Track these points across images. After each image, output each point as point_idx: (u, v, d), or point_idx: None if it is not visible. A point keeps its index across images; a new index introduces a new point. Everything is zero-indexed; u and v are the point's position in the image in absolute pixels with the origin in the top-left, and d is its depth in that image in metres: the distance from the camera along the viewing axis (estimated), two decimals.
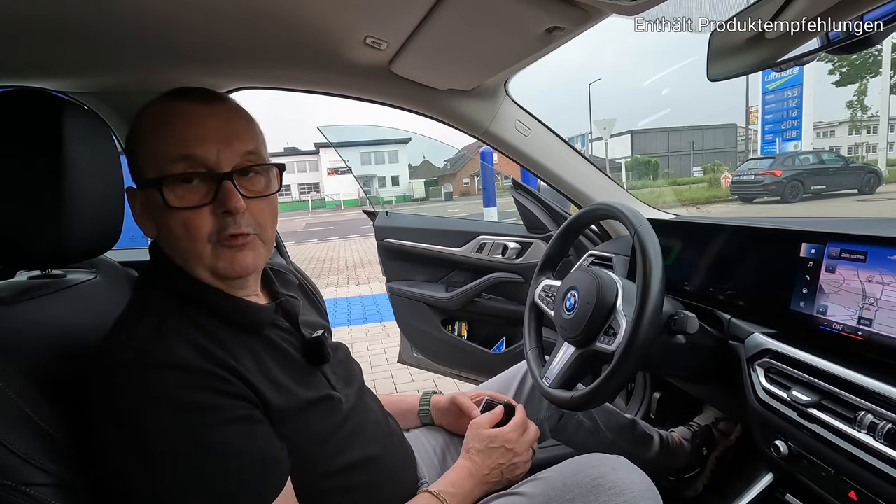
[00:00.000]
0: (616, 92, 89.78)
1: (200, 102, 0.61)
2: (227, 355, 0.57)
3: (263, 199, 0.63)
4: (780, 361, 0.77)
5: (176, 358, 0.53)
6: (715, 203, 13.72)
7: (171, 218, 0.58)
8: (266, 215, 0.63)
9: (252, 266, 0.62)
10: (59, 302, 0.71)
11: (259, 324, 0.64)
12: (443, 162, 35.84)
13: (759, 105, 19.66)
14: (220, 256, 0.59)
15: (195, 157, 0.58)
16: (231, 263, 0.60)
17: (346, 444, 0.66)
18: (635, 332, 0.75)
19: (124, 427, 0.50)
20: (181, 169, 0.58)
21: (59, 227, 0.65)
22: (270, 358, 0.62)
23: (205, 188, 0.58)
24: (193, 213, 0.58)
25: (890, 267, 0.66)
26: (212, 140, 0.58)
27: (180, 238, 0.59)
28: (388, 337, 3.60)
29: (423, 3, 0.71)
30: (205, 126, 0.59)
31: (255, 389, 0.57)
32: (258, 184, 0.63)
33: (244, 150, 0.61)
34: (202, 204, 0.58)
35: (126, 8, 0.69)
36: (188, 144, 0.58)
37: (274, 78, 1.06)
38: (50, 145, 0.64)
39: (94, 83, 0.98)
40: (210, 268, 0.60)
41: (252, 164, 0.61)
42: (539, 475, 0.74)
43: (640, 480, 0.68)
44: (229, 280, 0.62)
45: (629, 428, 1.11)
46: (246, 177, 0.61)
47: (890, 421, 0.59)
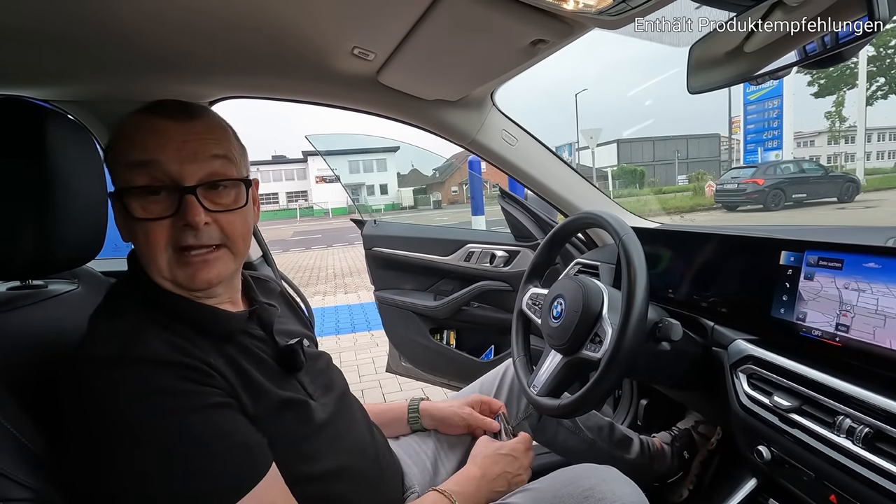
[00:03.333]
0: (602, 101, 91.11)
1: (171, 116, 0.61)
2: (202, 354, 0.57)
3: (233, 213, 0.63)
4: (762, 367, 0.78)
5: (153, 353, 0.53)
6: (699, 211, 13.93)
7: (134, 228, 0.59)
8: (235, 227, 0.63)
9: (216, 278, 0.62)
10: (40, 313, 0.70)
11: (229, 331, 0.63)
12: (431, 170, 35.99)
13: (741, 115, 20.07)
14: (178, 268, 0.60)
15: (158, 169, 0.58)
16: (192, 276, 0.60)
17: (323, 451, 0.66)
18: (620, 339, 0.75)
19: (104, 420, 0.50)
20: (144, 181, 0.58)
21: (39, 237, 0.64)
22: (246, 361, 0.63)
23: (169, 201, 0.59)
24: (154, 224, 0.58)
25: (865, 274, 0.68)
26: (175, 153, 0.59)
27: (141, 247, 0.60)
28: (376, 346, 3.58)
29: (409, 15, 0.72)
30: (170, 139, 0.59)
31: (231, 385, 0.58)
32: (227, 197, 0.63)
33: (211, 164, 0.61)
34: (163, 216, 0.58)
35: (111, 17, 0.69)
36: (152, 156, 0.58)
37: (260, 87, 1.06)
38: (31, 154, 0.63)
39: (78, 92, 0.97)
40: (170, 278, 0.60)
41: (219, 179, 0.61)
42: (529, 486, 0.75)
43: (630, 491, 0.69)
44: (192, 290, 0.62)
45: (607, 429, 1.11)
46: (214, 190, 0.61)
47: (867, 425, 0.61)
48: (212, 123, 0.64)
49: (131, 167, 0.59)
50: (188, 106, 0.64)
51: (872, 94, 20.06)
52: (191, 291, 0.62)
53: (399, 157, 37.42)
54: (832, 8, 0.56)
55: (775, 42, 0.65)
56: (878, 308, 0.66)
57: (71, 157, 0.69)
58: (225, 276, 0.63)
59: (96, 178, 0.73)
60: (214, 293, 0.65)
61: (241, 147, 0.68)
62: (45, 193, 0.64)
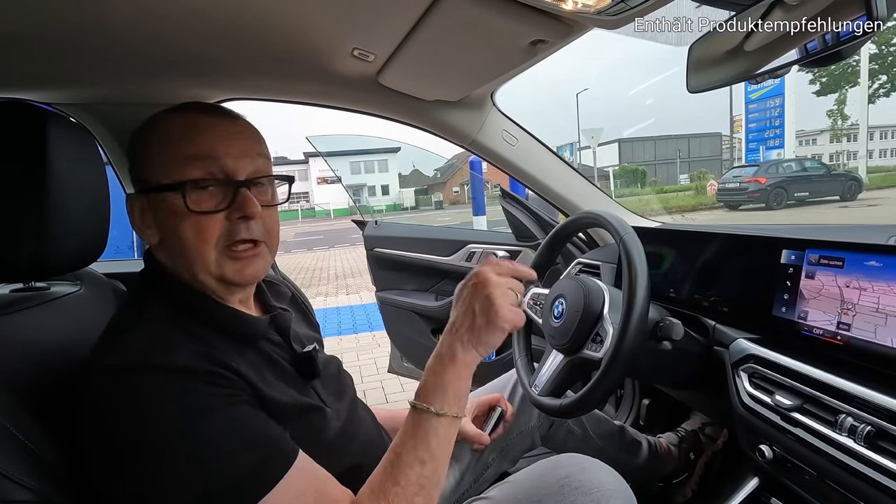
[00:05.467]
0: (603, 101, 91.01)
1: (220, 116, 0.64)
2: (225, 359, 0.57)
3: (272, 208, 0.66)
4: (764, 366, 0.78)
5: (176, 360, 0.53)
6: (701, 210, 13.91)
7: (183, 222, 0.59)
8: (273, 223, 0.66)
9: (261, 272, 0.65)
10: (43, 315, 0.70)
11: (253, 335, 0.64)
12: (433, 171, 35.99)
13: (742, 114, 20.03)
14: (228, 263, 0.61)
15: (214, 164, 0.60)
16: (241, 270, 0.62)
17: (337, 455, 0.66)
18: (622, 339, 0.75)
19: (130, 428, 0.50)
20: (200, 174, 0.60)
21: (42, 240, 0.64)
22: (267, 368, 0.63)
23: (221, 195, 0.61)
24: (208, 218, 0.60)
25: (866, 272, 0.68)
26: (230, 149, 0.61)
27: (189, 242, 0.59)
28: (378, 347, 3.58)
29: (409, 16, 0.72)
30: (225, 135, 0.62)
31: (255, 389, 0.58)
32: (266, 194, 0.66)
33: (257, 161, 0.64)
34: (218, 209, 0.60)
35: (113, 21, 0.69)
36: (210, 150, 0.60)
37: (262, 89, 1.06)
38: (33, 157, 0.63)
39: (81, 95, 0.97)
40: (216, 274, 0.61)
41: (263, 175, 0.64)
42: (509, 479, 0.75)
43: (608, 479, 0.68)
44: (234, 286, 0.63)
45: (618, 435, 1.11)
46: (257, 187, 0.64)
47: (869, 423, 0.61)
48: (252, 125, 0.67)
49: (187, 160, 0.59)
50: (229, 109, 0.67)
51: (875, 92, 19.99)
52: (231, 287, 0.63)
53: (400, 158, 37.46)
54: (831, 7, 0.55)
55: (775, 41, 0.65)
56: (879, 306, 0.66)
57: (73, 159, 0.69)
58: (264, 272, 0.66)
59: (98, 182, 0.73)
60: (244, 291, 0.67)
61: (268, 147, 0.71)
62: (46, 196, 0.64)
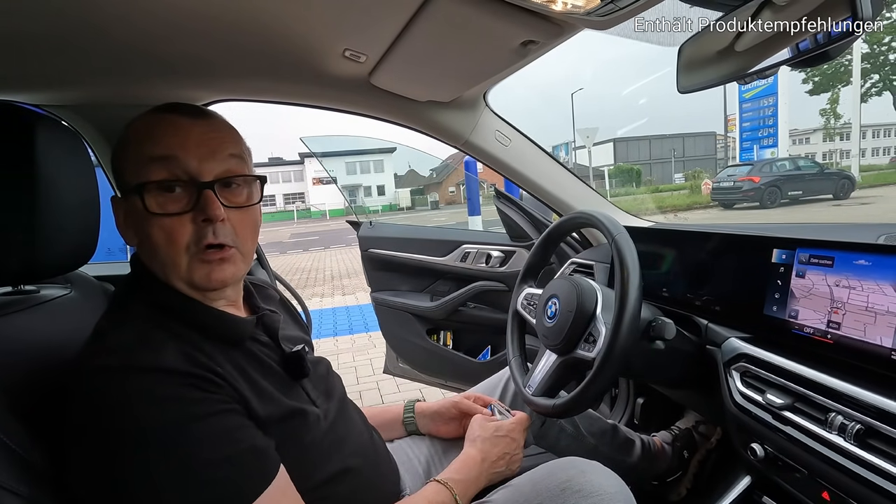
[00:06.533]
0: (598, 101, 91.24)
1: (188, 115, 0.62)
2: (211, 362, 0.57)
3: (244, 211, 0.64)
4: (755, 365, 0.78)
5: (161, 362, 0.53)
6: (696, 209, 13.96)
7: (151, 225, 0.59)
8: (246, 227, 0.64)
9: (231, 278, 0.63)
10: (32, 318, 0.69)
11: (239, 336, 0.64)
12: (428, 171, 36.03)
13: (736, 113, 20.13)
14: (197, 267, 0.60)
15: (177, 165, 0.59)
16: (208, 275, 0.60)
17: (326, 457, 0.66)
18: (614, 338, 0.75)
19: (113, 430, 0.49)
20: (163, 175, 0.58)
21: (31, 242, 0.64)
22: (254, 369, 0.63)
23: (186, 197, 0.59)
24: (174, 221, 0.58)
25: (856, 271, 0.68)
26: (195, 149, 0.60)
27: (160, 246, 0.59)
28: (374, 347, 3.57)
29: (399, 16, 0.72)
30: (189, 135, 0.60)
31: (241, 395, 0.58)
32: (240, 195, 0.64)
33: (227, 162, 0.62)
34: (182, 211, 0.59)
35: (103, 21, 0.69)
36: (171, 151, 0.59)
37: (253, 90, 1.06)
38: (21, 159, 0.63)
39: (71, 97, 0.97)
40: (186, 279, 0.60)
41: (234, 176, 0.62)
42: (511, 482, 0.75)
43: (609, 483, 0.68)
44: (206, 291, 0.62)
45: (611, 433, 1.11)
46: (228, 188, 0.62)
47: (859, 422, 0.61)
48: (225, 124, 0.66)
49: (150, 162, 0.59)
50: (201, 108, 0.65)
51: (867, 91, 20.18)
52: (204, 292, 0.62)
53: (396, 159, 37.52)
54: (818, 8, 0.56)
55: (764, 41, 0.65)
56: (868, 305, 0.66)
57: (62, 162, 0.68)
58: (237, 277, 0.64)
59: (88, 184, 0.73)
60: (224, 293, 0.65)
61: (248, 148, 0.69)
62: (35, 199, 0.64)
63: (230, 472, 0.52)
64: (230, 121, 0.68)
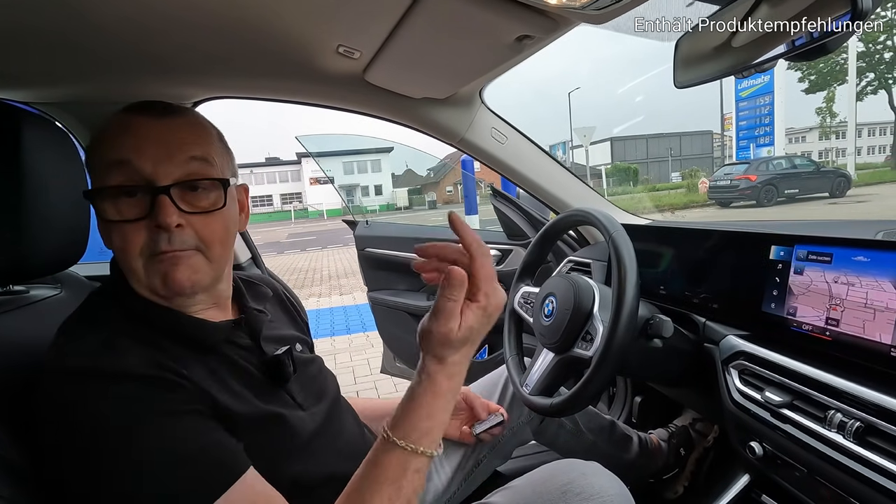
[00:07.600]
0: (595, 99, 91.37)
1: (151, 115, 0.59)
2: (177, 365, 0.55)
3: (210, 215, 0.60)
4: (754, 363, 0.77)
5: (126, 367, 0.52)
6: (693, 208, 14.01)
7: (110, 231, 0.58)
8: (213, 232, 0.60)
9: (188, 283, 0.58)
10: (21, 319, 0.68)
11: (211, 342, 0.61)
12: (426, 171, 36.02)
13: (733, 112, 20.19)
14: (153, 273, 0.58)
15: (132, 169, 0.56)
16: (164, 279, 0.57)
17: (313, 461, 0.64)
18: (611, 336, 0.75)
19: (74, 430, 0.49)
20: (119, 180, 0.56)
21: (19, 242, 0.63)
22: (228, 373, 0.61)
23: (144, 202, 0.57)
24: (129, 227, 0.56)
25: (854, 268, 0.68)
26: (151, 152, 0.57)
27: (118, 252, 0.58)
28: (371, 347, 3.57)
29: (393, 12, 0.71)
30: (146, 137, 0.57)
31: (210, 396, 0.56)
32: (205, 200, 0.60)
33: (187, 165, 0.59)
34: (137, 218, 0.56)
35: (92, 17, 0.67)
36: (126, 155, 0.57)
37: (246, 87, 1.05)
38: (9, 157, 0.62)
39: (59, 94, 0.95)
40: (146, 285, 0.59)
41: (195, 179, 0.59)
42: (510, 484, 0.74)
43: (610, 485, 0.67)
44: (171, 298, 0.60)
45: (609, 429, 1.11)
46: (192, 192, 0.59)
47: (858, 419, 0.60)
48: (193, 122, 0.62)
49: (109, 166, 0.57)
50: (170, 106, 0.62)
51: (862, 90, 20.26)
52: (168, 299, 0.60)
53: (393, 158, 37.48)
54: (816, 1, 0.55)
55: (762, 36, 0.65)
56: (867, 301, 0.65)
57: (50, 160, 0.67)
58: (203, 282, 0.61)
59: (77, 182, 0.71)
60: (195, 301, 0.62)
61: (226, 149, 0.66)
62: (24, 197, 0.62)
63: (189, 471, 0.50)
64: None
